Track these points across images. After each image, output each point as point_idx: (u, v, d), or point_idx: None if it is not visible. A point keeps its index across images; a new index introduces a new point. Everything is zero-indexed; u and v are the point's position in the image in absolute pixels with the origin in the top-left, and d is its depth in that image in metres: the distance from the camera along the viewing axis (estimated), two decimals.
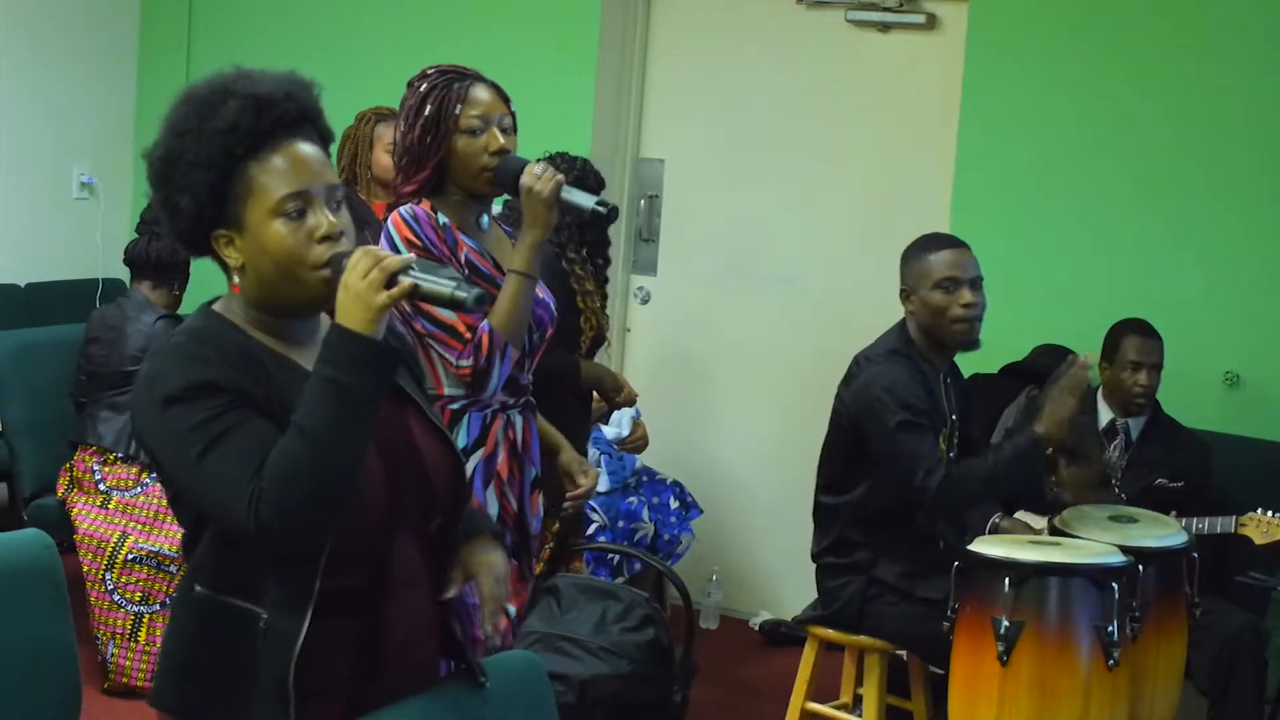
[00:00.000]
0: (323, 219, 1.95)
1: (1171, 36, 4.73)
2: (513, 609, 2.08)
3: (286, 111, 1.97)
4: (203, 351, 1.91)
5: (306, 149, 1.98)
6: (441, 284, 1.94)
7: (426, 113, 2.86)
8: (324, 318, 2.05)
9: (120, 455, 4.49)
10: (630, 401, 4.44)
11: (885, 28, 5.25)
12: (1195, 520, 3.97)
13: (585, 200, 2.89)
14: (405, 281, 1.88)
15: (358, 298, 1.87)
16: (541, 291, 2.97)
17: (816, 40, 5.36)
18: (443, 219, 2.87)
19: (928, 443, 3.55)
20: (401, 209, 2.87)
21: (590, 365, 4.28)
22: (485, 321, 2.82)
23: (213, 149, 1.93)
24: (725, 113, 5.51)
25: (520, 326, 2.84)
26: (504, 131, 2.89)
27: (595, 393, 4.33)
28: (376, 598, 2.00)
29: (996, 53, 4.92)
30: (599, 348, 4.45)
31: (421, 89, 2.89)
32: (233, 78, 1.98)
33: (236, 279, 1.98)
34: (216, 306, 2.04)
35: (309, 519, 1.85)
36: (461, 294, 1.94)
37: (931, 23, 5.18)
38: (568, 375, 4.08)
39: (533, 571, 3.11)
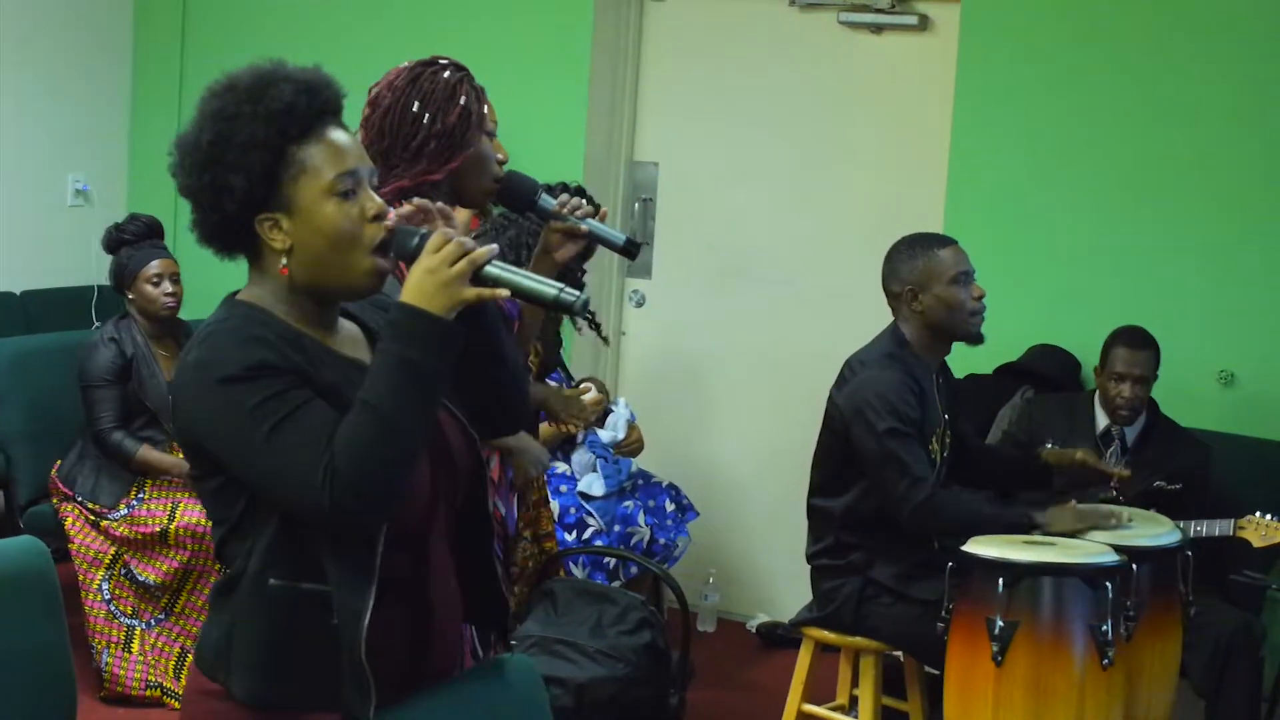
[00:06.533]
0: (371, 199, 2.01)
1: (1166, 36, 4.73)
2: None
3: (330, 98, 2.04)
4: (259, 332, 1.94)
5: (346, 135, 2.05)
6: (545, 287, 1.93)
7: (462, 102, 2.68)
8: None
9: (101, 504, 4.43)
10: (580, 423, 4.01)
11: (878, 29, 5.26)
12: (1194, 523, 3.96)
13: (615, 236, 2.81)
14: (503, 287, 1.91)
15: (443, 286, 1.90)
16: None
17: (809, 42, 5.36)
18: None
19: (912, 453, 3.56)
20: None
21: (534, 387, 3.77)
22: None
23: (268, 130, 1.97)
24: (718, 116, 5.52)
25: None
26: None
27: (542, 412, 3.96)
28: (422, 585, 2.05)
29: (989, 53, 4.93)
30: (549, 371, 4.21)
31: (446, 77, 2.70)
32: (275, 66, 2.04)
33: (284, 261, 2.00)
34: (243, 297, 2.05)
35: (382, 494, 1.88)
36: (568, 297, 1.91)
37: (924, 24, 5.18)
38: None
39: (510, 577, 3.06)
